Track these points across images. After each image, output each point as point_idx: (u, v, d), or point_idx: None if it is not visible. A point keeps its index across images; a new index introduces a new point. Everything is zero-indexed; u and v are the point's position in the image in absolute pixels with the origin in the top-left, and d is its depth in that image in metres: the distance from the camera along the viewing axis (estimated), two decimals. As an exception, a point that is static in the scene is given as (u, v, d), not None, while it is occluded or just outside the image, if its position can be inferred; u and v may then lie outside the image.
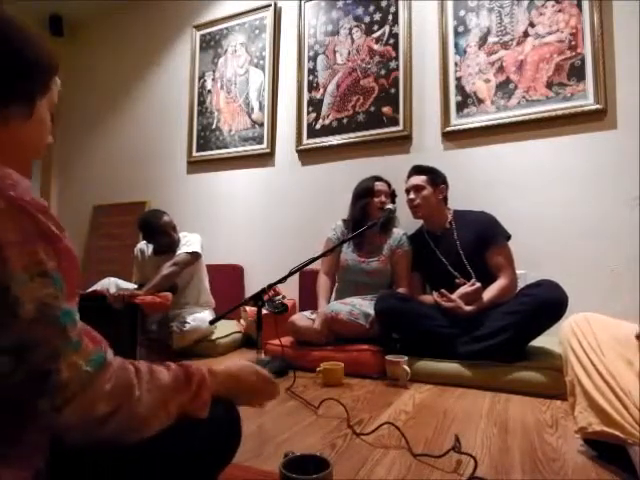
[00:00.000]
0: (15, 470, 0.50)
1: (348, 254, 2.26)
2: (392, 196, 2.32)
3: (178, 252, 2.43)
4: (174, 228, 2.52)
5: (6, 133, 0.58)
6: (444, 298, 1.89)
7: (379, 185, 2.27)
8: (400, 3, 2.62)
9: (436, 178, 2.13)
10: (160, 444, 0.58)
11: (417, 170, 2.16)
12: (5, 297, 0.47)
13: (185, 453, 0.62)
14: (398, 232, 2.26)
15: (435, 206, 2.11)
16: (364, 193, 2.26)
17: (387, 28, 2.66)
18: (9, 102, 0.58)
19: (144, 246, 2.65)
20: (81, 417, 0.50)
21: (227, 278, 2.92)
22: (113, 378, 0.52)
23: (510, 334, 1.70)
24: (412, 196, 2.11)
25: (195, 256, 2.47)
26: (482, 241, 1.97)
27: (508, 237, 1.98)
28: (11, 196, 0.48)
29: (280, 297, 2.14)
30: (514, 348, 1.73)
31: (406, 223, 2.28)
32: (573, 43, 2.20)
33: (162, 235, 2.46)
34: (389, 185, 2.32)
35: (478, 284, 1.87)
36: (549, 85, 2.24)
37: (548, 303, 1.67)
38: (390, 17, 2.65)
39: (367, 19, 2.72)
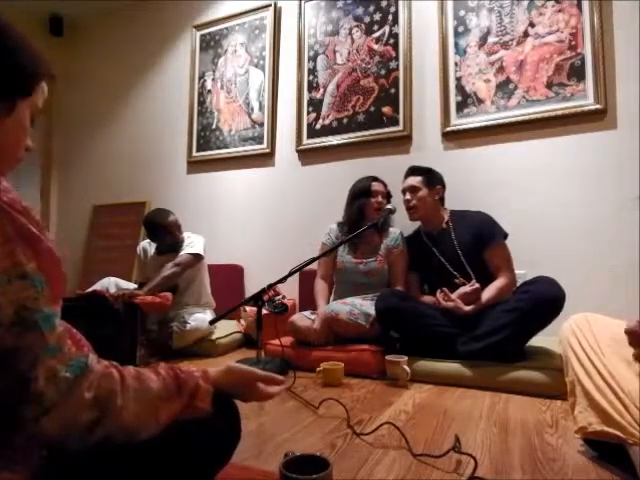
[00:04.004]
0: (10, 471, 0.50)
1: (344, 256, 2.26)
2: (388, 196, 2.32)
3: (181, 253, 2.43)
4: (179, 228, 2.52)
5: None
6: (445, 297, 1.89)
7: (376, 185, 2.27)
8: (400, 3, 2.62)
9: (432, 179, 2.13)
10: (157, 442, 0.58)
11: (413, 171, 2.16)
12: None
13: (183, 451, 0.62)
14: (394, 231, 2.26)
15: (431, 207, 2.11)
16: (361, 194, 2.26)
17: (387, 28, 2.66)
18: None
19: (147, 245, 2.65)
20: (64, 427, 0.49)
21: (227, 278, 2.92)
22: (94, 386, 0.51)
23: (509, 332, 1.70)
24: (408, 197, 2.12)
25: (197, 258, 2.47)
26: (479, 241, 1.97)
27: (505, 236, 1.98)
28: None
29: (280, 297, 2.14)
30: (514, 346, 1.73)
31: (404, 223, 2.28)
32: (573, 43, 2.20)
33: (167, 235, 2.46)
34: (385, 185, 2.32)
35: (477, 285, 1.87)
36: (549, 85, 2.24)
37: (545, 299, 1.67)
38: (390, 17, 2.65)
39: (367, 19, 2.72)
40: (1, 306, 0.46)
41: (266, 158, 3.00)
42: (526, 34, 2.31)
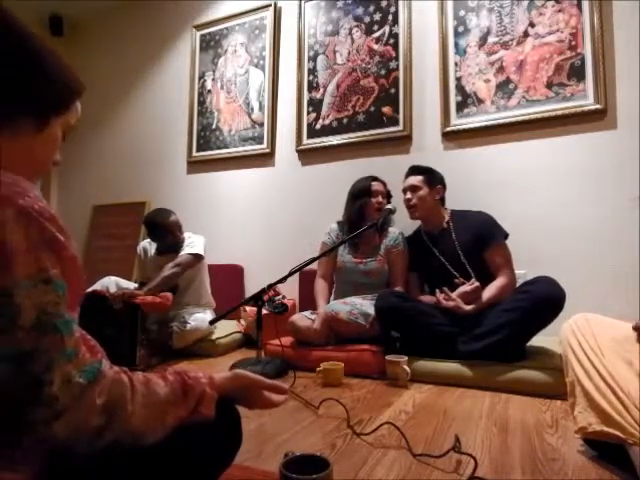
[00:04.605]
0: (14, 472, 0.50)
1: (344, 256, 2.26)
2: (388, 196, 2.32)
3: (181, 253, 2.43)
4: (180, 228, 2.52)
5: (16, 143, 0.59)
6: (445, 296, 1.89)
7: (376, 185, 2.27)
8: (400, 3, 2.62)
9: (433, 178, 2.14)
10: (160, 447, 0.58)
11: (414, 170, 2.17)
12: (8, 303, 0.47)
13: (185, 454, 0.62)
14: (394, 231, 2.26)
15: (431, 206, 2.11)
16: (361, 193, 2.26)
17: (387, 28, 2.66)
18: (24, 114, 0.59)
19: (147, 244, 2.65)
20: (73, 431, 0.49)
21: (227, 278, 2.92)
22: (105, 391, 0.52)
23: (509, 331, 1.70)
24: (408, 196, 2.12)
25: (198, 258, 2.46)
26: (480, 240, 1.97)
27: (506, 236, 1.99)
28: (20, 204, 0.49)
29: (280, 297, 2.15)
30: (514, 346, 1.73)
31: (404, 223, 2.28)
32: (573, 43, 2.20)
33: (167, 235, 2.46)
34: (385, 185, 2.32)
35: (477, 283, 1.87)
36: (549, 85, 2.24)
37: (545, 299, 1.67)
38: (390, 17, 2.65)
39: (367, 19, 2.72)
40: (24, 309, 0.47)
41: (266, 158, 3.00)
42: (526, 34, 2.31)
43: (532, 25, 2.30)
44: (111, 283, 2.39)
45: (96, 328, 0.71)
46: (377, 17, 2.69)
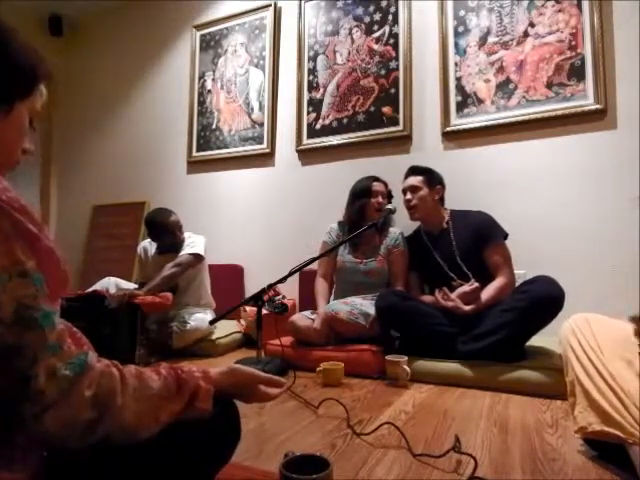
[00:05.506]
0: (10, 471, 0.50)
1: (345, 256, 2.26)
2: (389, 196, 2.32)
3: (181, 253, 2.43)
4: (180, 228, 2.52)
5: None
6: (444, 296, 1.89)
7: (377, 185, 2.27)
8: (400, 3, 2.62)
9: (432, 179, 2.14)
10: (157, 441, 0.58)
11: (413, 171, 2.17)
12: None
13: (183, 450, 0.62)
14: (395, 231, 2.26)
15: (431, 207, 2.12)
16: (362, 194, 2.26)
17: (387, 28, 2.66)
18: None
19: (148, 244, 2.65)
20: (64, 425, 0.49)
21: (227, 278, 2.92)
22: (94, 384, 0.51)
23: (509, 331, 1.70)
24: (408, 197, 2.12)
25: (198, 258, 2.47)
26: (479, 240, 1.98)
27: (505, 236, 1.99)
28: None
29: (280, 297, 2.15)
30: (514, 346, 1.73)
31: (404, 223, 2.28)
32: (573, 43, 2.20)
33: (168, 234, 2.46)
34: (386, 185, 2.32)
35: (476, 284, 1.87)
36: (549, 85, 2.24)
37: (544, 299, 1.67)
38: (390, 17, 2.65)
39: (367, 19, 2.72)
40: (2, 304, 0.46)
41: (266, 158, 3.00)
42: (526, 34, 2.31)
43: (532, 25, 2.30)
44: (111, 284, 2.40)
45: (96, 328, 0.71)
46: (377, 17, 2.69)
